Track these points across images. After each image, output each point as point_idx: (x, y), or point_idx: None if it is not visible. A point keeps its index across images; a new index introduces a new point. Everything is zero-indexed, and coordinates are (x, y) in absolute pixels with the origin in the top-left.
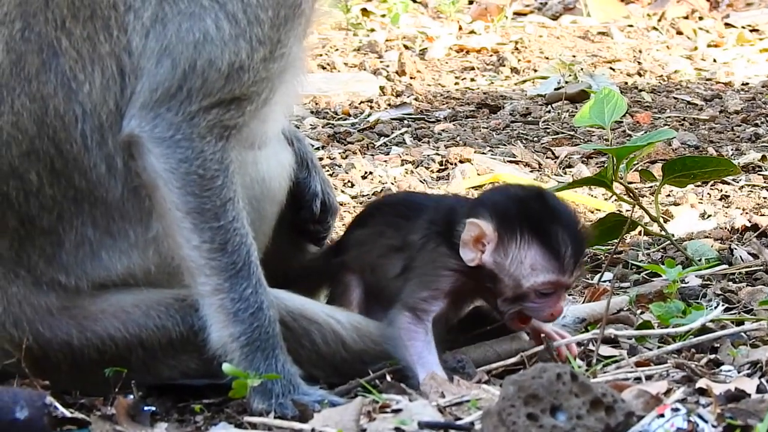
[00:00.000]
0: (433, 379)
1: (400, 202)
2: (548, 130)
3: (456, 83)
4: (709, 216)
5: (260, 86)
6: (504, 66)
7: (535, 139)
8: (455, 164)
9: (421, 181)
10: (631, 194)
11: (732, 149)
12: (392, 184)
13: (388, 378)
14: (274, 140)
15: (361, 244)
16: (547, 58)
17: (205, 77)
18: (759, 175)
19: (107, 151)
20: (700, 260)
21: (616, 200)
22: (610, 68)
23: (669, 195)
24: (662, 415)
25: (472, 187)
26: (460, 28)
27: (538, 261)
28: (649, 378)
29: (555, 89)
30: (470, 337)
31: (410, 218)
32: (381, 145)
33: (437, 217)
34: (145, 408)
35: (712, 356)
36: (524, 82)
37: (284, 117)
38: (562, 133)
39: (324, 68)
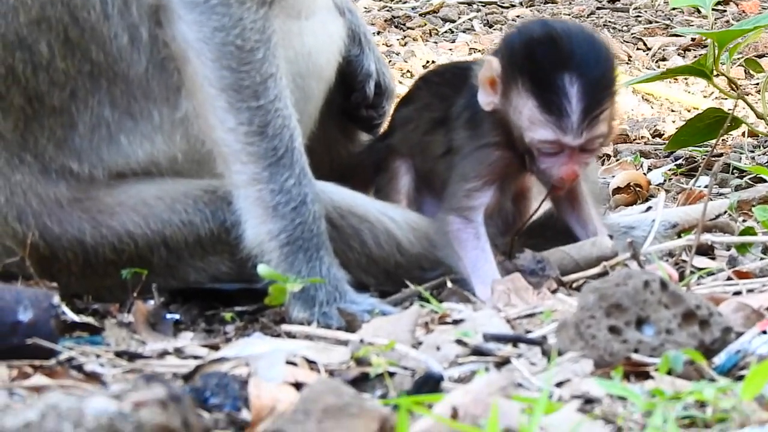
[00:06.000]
0: (501, 285)
1: (449, 70)
2: (640, 18)
3: None
4: None
5: None
6: None
7: (625, 28)
8: None
9: None
10: (735, 87)
11: None
12: None
13: (449, 284)
14: (323, 9)
15: (406, 123)
16: None
17: None
18: None
19: (130, 19)
20: None
21: (717, 96)
22: None
23: None
24: (765, 332)
25: None
26: None
27: (535, 114)
28: (750, 291)
29: None
30: (543, 242)
31: (458, 87)
32: (445, 32)
33: None
34: (168, 316)
35: None
36: None
37: None
38: (656, 21)
39: None
